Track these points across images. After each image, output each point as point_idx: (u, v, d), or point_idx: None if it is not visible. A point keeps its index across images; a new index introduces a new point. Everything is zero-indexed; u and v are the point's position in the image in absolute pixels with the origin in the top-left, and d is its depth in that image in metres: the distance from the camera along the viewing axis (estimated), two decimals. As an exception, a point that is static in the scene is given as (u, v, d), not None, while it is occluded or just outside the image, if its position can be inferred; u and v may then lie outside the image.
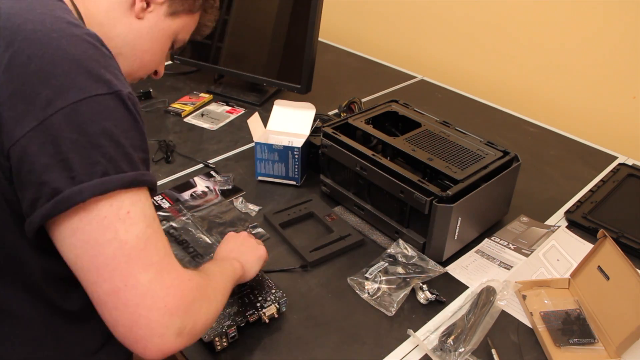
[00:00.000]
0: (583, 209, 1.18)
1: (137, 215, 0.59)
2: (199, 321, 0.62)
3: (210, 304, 0.66)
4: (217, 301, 0.69)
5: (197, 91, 1.68)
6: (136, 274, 0.57)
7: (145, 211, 0.60)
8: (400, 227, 1.07)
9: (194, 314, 0.61)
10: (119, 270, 0.57)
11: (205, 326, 0.65)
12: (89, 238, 0.57)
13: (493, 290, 0.95)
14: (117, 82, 0.61)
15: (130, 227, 0.58)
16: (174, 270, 0.61)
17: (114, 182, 0.57)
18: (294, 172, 1.24)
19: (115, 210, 0.57)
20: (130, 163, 0.60)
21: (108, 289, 0.57)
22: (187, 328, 0.60)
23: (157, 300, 0.57)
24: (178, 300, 0.59)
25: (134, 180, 0.59)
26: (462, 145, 1.12)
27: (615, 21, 1.46)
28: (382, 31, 2.12)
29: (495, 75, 1.80)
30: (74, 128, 0.56)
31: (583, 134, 1.54)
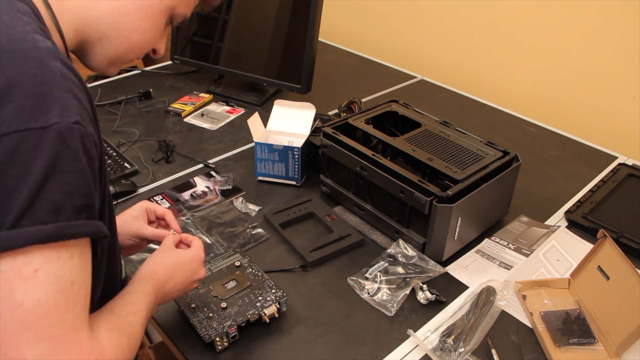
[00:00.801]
0: (583, 209, 1.18)
1: (46, 277, 0.50)
2: None
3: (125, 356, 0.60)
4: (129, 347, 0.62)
5: (197, 91, 1.68)
6: (23, 345, 0.49)
7: (61, 273, 0.51)
8: (400, 227, 1.07)
9: None
10: (5, 341, 0.48)
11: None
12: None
13: (493, 290, 0.95)
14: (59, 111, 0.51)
15: (31, 289, 0.49)
16: (77, 347, 0.52)
17: (24, 236, 0.48)
18: (294, 172, 1.24)
19: (18, 267, 0.49)
20: (55, 212, 0.50)
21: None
22: None
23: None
24: None
25: (54, 234, 0.50)
26: (462, 145, 1.12)
27: (615, 21, 1.46)
28: (382, 31, 2.12)
29: (495, 75, 1.80)
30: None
31: (583, 134, 1.54)
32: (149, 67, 1.89)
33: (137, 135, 1.44)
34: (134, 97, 1.62)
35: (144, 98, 1.63)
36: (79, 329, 0.53)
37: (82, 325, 0.54)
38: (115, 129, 1.47)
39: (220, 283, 0.92)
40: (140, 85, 1.70)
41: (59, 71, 0.53)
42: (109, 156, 1.32)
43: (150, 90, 1.64)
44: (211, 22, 1.65)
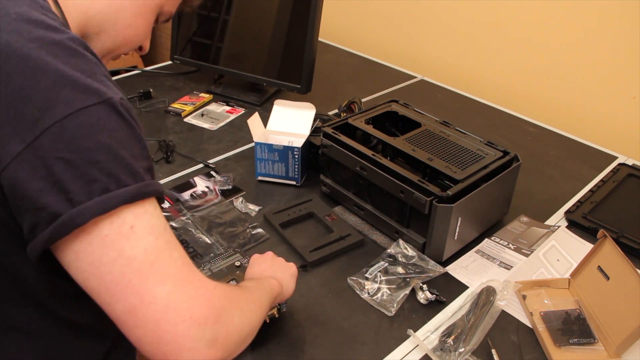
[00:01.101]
0: (583, 209, 1.18)
1: (143, 229, 0.55)
2: (232, 331, 0.59)
3: (244, 314, 0.62)
4: (251, 311, 0.65)
5: (197, 91, 1.68)
6: (151, 289, 0.54)
7: (153, 223, 0.57)
8: (400, 227, 1.07)
9: (226, 323, 0.58)
10: (131, 288, 0.54)
11: (241, 337, 0.61)
12: (92, 259, 0.54)
13: (493, 290, 0.95)
14: (107, 89, 0.57)
15: (136, 243, 0.54)
16: (197, 280, 0.57)
17: (115, 198, 0.54)
18: (294, 172, 1.24)
19: (117, 228, 0.54)
20: (133, 175, 0.56)
21: (124, 308, 0.54)
22: (221, 339, 0.56)
23: (180, 312, 0.54)
24: (205, 310, 0.56)
25: (137, 193, 0.55)
26: (462, 145, 1.12)
27: (615, 21, 1.46)
28: (382, 31, 2.12)
29: (495, 75, 1.80)
30: (64, 147, 0.53)
31: (583, 134, 1.54)
32: (149, 67, 1.89)
33: (137, 135, 1.43)
34: (134, 97, 1.62)
35: (144, 98, 1.63)
36: (190, 265, 0.58)
37: (190, 261, 0.59)
38: (115, 129, 1.46)
39: (220, 283, 0.92)
40: (140, 85, 1.70)
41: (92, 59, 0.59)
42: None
43: (150, 90, 1.64)
44: (211, 22, 1.65)
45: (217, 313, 0.57)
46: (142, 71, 1.85)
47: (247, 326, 0.63)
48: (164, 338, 0.54)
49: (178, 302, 0.54)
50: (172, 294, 0.54)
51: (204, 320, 0.55)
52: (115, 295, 0.54)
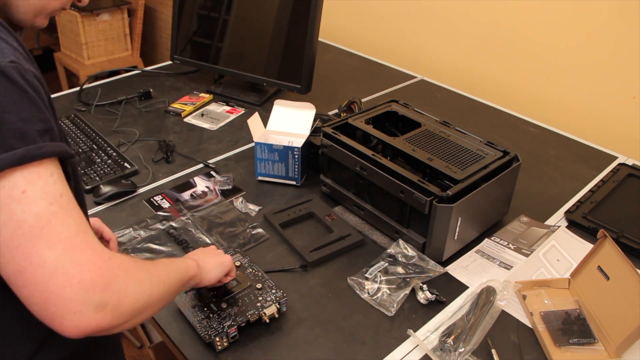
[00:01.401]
0: (583, 209, 1.18)
1: (35, 194, 0.55)
2: (125, 299, 0.59)
3: (141, 285, 0.62)
4: (151, 284, 0.64)
5: (197, 91, 1.69)
6: (40, 252, 0.54)
7: (47, 188, 0.56)
8: (400, 227, 1.07)
9: (117, 292, 0.58)
10: (20, 250, 0.54)
11: (136, 307, 0.61)
12: None
13: (493, 290, 0.95)
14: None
15: (27, 207, 0.55)
16: (89, 247, 0.58)
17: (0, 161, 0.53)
18: (294, 172, 1.24)
19: (8, 191, 0.54)
20: (21, 138, 0.55)
21: (13, 269, 0.55)
22: (110, 305, 0.57)
23: (68, 277, 0.55)
24: (94, 276, 0.56)
25: (25, 155, 0.55)
26: (462, 145, 1.12)
27: (615, 21, 1.46)
28: (382, 31, 2.12)
29: (495, 75, 1.80)
30: None
31: (583, 134, 1.54)
32: (149, 67, 1.89)
33: (137, 135, 1.44)
34: (134, 97, 1.62)
35: (144, 98, 1.63)
36: (86, 232, 0.58)
37: (88, 229, 0.59)
38: (115, 129, 1.47)
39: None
40: (140, 85, 1.70)
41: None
42: (109, 156, 1.32)
43: (150, 90, 1.64)
44: (211, 22, 1.65)
45: (106, 280, 0.57)
46: (142, 71, 1.85)
47: (144, 297, 0.62)
48: (51, 300, 0.55)
49: (67, 267, 0.55)
50: (62, 258, 0.55)
51: (91, 285, 0.56)
52: (5, 256, 0.55)
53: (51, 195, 0.56)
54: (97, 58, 2.93)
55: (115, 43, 2.97)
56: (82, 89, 1.67)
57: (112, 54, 2.98)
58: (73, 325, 0.55)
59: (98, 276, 0.56)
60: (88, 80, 1.72)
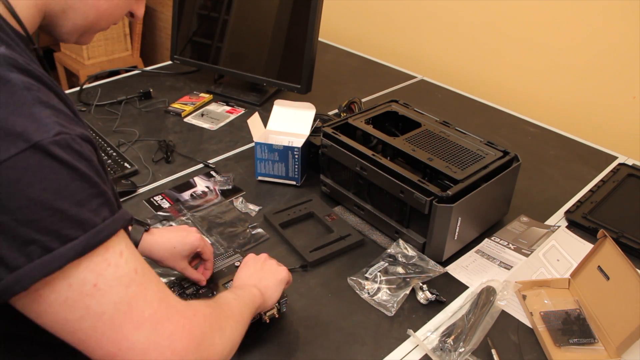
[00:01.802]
0: (583, 209, 1.18)
1: (108, 283, 0.51)
2: (214, 352, 0.59)
3: (224, 333, 0.62)
4: (231, 329, 0.64)
5: (197, 91, 1.68)
6: (128, 336, 0.52)
7: (119, 273, 0.52)
8: (400, 227, 1.07)
9: (207, 347, 0.58)
10: (106, 339, 0.51)
11: (223, 356, 0.61)
12: (57, 319, 0.50)
13: (493, 290, 0.95)
14: (36, 128, 0.48)
15: (102, 299, 0.51)
16: (175, 313, 0.56)
17: (60, 257, 0.48)
18: (294, 172, 1.24)
19: (78, 288, 0.50)
20: (79, 225, 0.49)
21: (103, 355, 0.52)
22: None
23: (161, 351, 0.53)
24: (186, 342, 0.55)
25: (86, 245, 0.49)
26: (462, 145, 1.12)
27: (615, 21, 1.46)
28: (382, 31, 2.12)
29: (495, 75, 1.80)
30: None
31: (583, 134, 1.54)
32: (149, 67, 1.89)
33: (137, 135, 1.44)
34: (134, 97, 1.62)
35: (144, 98, 1.63)
36: (167, 298, 0.56)
37: (167, 294, 0.57)
38: (115, 129, 1.47)
39: (221, 283, 0.92)
40: (140, 85, 1.70)
41: (20, 83, 0.49)
42: (109, 156, 1.32)
43: (150, 90, 1.64)
44: (211, 22, 1.65)
45: (197, 341, 0.56)
46: (142, 71, 1.85)
47: (229, 344, 0.63)
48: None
49: (158, 342, 0.53)
50: (151, 336, 0.53)
51: (185, 352, 0.55)
52: (91, 346, 0.52)
53: (126, 278, 0.53)
54: (97, 58, 2.93)
55: (115, 43, 2.97)
56: (82, 89, 1.67)
57: (112, 54, 2.98)
58: None
59: (189, 340, 0.55)
60: (88, 80, 1.72)
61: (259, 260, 0.88)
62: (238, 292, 0.76)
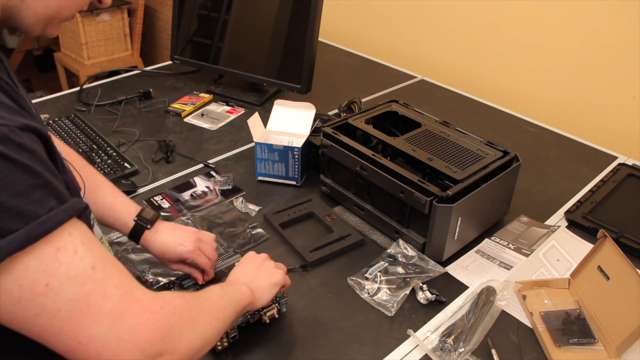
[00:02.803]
0: (583, 209, 1.18)
1: (61, 283, 0.49)
2: (180, 346, 0.56)
3: (196, 327, 0.60)
4: (205, 323, 0.62)
5: (197, 91, 1.68)
6: (87, 330, 0.50)
7: (72, 271, 0.50)
8: (400, 227, 1.07)
9: (173, 340, 0.56)
10: (65, 334, 0.50)
11: (192, 350, 0.59)
12: (13, 317, 0.49)
13: (493, 290, 0.95)
14: None
15: (57, 297, 0.49)
16: (139, 306, 0.54)
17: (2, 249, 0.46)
18: (294, 172, 1.24)
19: (30, 288, 0.48)
20: (19, 216, 0.47)
21: (63, 349, 0.51)
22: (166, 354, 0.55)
23: (123, 344, 0.51)
24: (149, 335, 0.53)
25: (29, 237, 0.47)
26: (462, 145, 1.12)
27: (615, 21, 1.46)
28: (382, 31, 2.12)
29: (495, 75, 1.80)
30: None
31: (583, 134, 1.54)
32: (149, 67, 1.89)
33: (137, 135, 1.44)
34: (134, 97, 1.62)
35: (144, 98, 1.63)
36: (131, 292, 0.54)
37: (131, 285, 0.55)
38: (115, 129, 1.47)
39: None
40: (140, 85, 1.70)
41: None
42: (109, 156, 1.32)
43: (150, 90, 1.64)
44: (211, 22, 1.65)
45: (162, 333, 0.54)
46: (142, 71, 1.85)
47: (200, 339, 0.60)
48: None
49: (119, 335, 0.52)
50: (112, 330, 0.51)
51: (147, 344, 0.53)
52: (51, 341, 0.51)
53: (81, 276, 0.51)
54: (97, 58, 2.93)
55: (115, 43, 2.97)
56: (82, 89, 1.67)
57: (112, 54, 2.98)
58: None
59: (152, 332, 0.54)
60: (88, 80, 1.72)
61: (257, 259, 0.87)
62: (226, 287, 0.75)
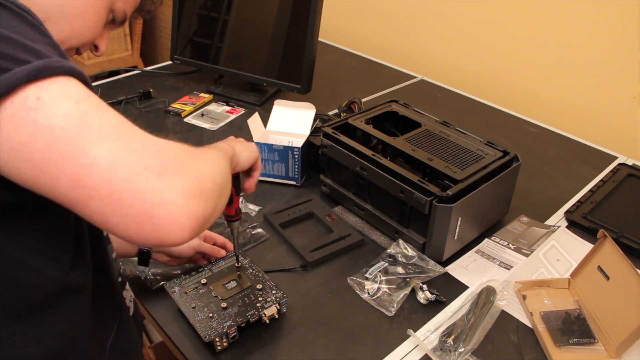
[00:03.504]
0: (583, 209, 1.18)
1: (52, 97, 0.47)
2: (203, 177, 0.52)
3: (206, 162, 0.56)
4: (212, 160, 0.58)
5: (197, 91, 1.69)
6: (87, 150, 0.47)
7: (67, 90, 0.48)
8: (400, 227, 1.07)
9: (192, 170, 0.51)
10: (63, 158, 0.47)
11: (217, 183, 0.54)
12: (11, 145, 0.47)
13: (493, 290, 0.95)
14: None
15: (49, 111, 0.47)
16: (141, 134, 0.50)
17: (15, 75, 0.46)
18: (294, 172, 1.24)
19: (21, 103, 0.46)
20: (35, 54, 0.48)
21: (67, 183, 0.47)
22: (195, 186, 0.50)
23: (131, 166, 0.47)
24: (160, 159, 0.49)
25: (43, 67, 0.47)
26: (462, 145, 1.12)
27: (615, 21, 1.46)
28: (382, 31, 2.12)
29: (495, 75, 1.80)
30: None
31: (583, 134, 1.54)
32: (149, 67, 1.89)
33: (137, 135, 1.43)
34: (134, 97, 1.62)
35: (144, 98, 1.63)
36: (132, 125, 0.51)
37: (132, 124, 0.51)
38: (115, 129, 1.46)
39: (221, 283, 0.92)
40: (140, 85, 1.70)
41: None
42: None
43: (150, 90, 1.64)
44: (211, 22, 1.65)
45: (175, 161, 0.50)
46: (142, 71, 1.85)
47: (217, 172, 0.56)
48: (124, 200, 0.46)
49: (124, 157, 0.47)
50: (115, 150, 0.47)
51: (162, 169, 0.48)
52: (52, 172, 0.47)
53: (75, 95, 0.48)
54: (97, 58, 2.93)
55: (115, 43, 2.97)
56: (82, 89, 1.66)
57: (112, 54, 2.98)
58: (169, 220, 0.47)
59: (163, 159, 0.49)
60: (88, 80, 1.72)
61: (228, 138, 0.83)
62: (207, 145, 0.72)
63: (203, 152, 0.60)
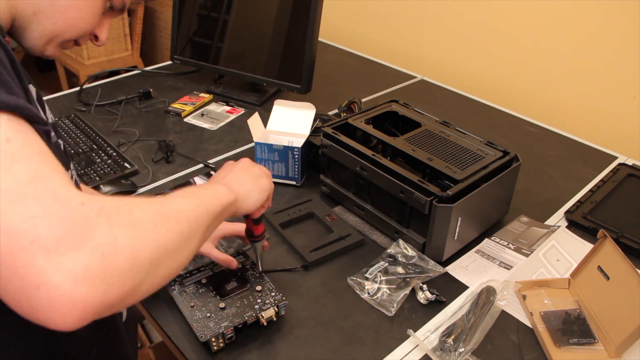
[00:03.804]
0: (583, 209, 1.18)
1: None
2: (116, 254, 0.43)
3: (138, 231, 0.46)
4: (156, 226, 0.48)
5: (197, 91, 1.68)
6: None
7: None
8: (400, 227, 1.07)
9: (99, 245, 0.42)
10: None
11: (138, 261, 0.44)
12: None
13: (493, 290, 0.95)
14: None
15: None
16: (47, 195, 0.42)
17: None
18: (294, 172, 1.24)
19: None
20: None
21: None
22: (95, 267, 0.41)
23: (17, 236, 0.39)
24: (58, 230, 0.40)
25: None
26: (462, 145, 1.12)
27: (615, 21, 1.46)
28: (382, 31, 2.12)
29: (495, 75, 1.80)
30: None
31: (583, 134, 1.54)
32: (149, 67, 1.89)
33: (137, 135, 1.44)
34: (134, 97, 1.62)
35: (144, 98, 1.63)
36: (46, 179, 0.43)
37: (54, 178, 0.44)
38: (115, 129, 1.47)
39: (221, 283, 0.92)
40: (140, 85, 1.70)
41: None
42: (109, 156, 1.32)
43: (150, 90, 1.64)
44: (211, 22, 1.65)
45: (81, 233, 0.41)
46: (142, 71, 1.85)
47: (148, 247, 0.46)
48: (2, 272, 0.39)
49: (14, 224, 0.40)
50: (6, 214, 0.40)
51: (54, 243, 0.40)
52: None
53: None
54: (97, 58, 2.93)
55: (115, 43, 2.97)
56: (82, 89, 1.67)
57: (112, 54, 2.98)
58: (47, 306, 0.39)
59: (63, 229, 0.41)
60: (88, 80, 1.72)
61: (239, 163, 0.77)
62: (194, 188, 0.64)
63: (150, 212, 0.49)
